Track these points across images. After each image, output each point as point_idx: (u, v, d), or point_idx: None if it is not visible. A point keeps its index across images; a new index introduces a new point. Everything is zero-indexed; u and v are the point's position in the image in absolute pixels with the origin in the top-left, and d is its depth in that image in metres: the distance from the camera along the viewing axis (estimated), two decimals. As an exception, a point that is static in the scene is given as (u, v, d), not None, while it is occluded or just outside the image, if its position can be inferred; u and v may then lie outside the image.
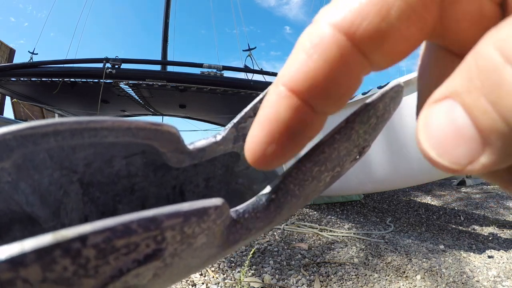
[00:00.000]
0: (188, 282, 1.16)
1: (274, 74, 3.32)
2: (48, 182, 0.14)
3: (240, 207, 0.13)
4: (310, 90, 0.10)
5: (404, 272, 1.32)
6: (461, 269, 1.36)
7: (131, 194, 0.17)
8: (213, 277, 1.22)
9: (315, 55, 0.10)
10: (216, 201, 0.11)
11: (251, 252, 1.32)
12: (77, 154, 0.14)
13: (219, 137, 0.17)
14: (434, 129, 0.09)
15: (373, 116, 0.15)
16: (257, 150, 0.11)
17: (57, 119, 0.11)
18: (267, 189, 0.14)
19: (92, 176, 0.15)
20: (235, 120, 0.17)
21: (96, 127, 0.12)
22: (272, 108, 0.11)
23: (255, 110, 0.17)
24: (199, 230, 0.10)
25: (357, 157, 0.16)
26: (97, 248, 0.08)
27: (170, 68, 4.43)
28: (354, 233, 1.82)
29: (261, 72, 3.62)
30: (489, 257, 1.53)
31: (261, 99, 0.17)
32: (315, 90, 0.10)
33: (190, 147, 0.16)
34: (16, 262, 0.08)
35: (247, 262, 1.22)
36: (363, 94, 1.74)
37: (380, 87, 1.66)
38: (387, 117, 0.16)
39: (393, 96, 0.16)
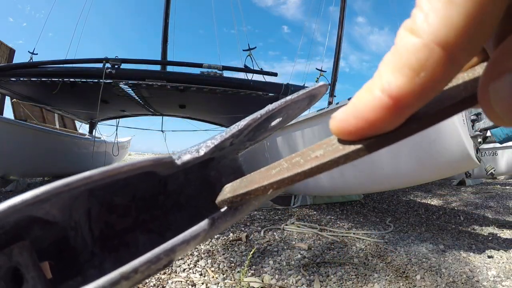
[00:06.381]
0: (188, 282, 1.16)
1: (274, 74, 3.32)
2: (68, 198, 0.18)
3: (215, 215, 0.18)
4: (414, 104, 0.12)
5: (404, 272, 1.32)
6: (461, 269, 1.36)
7: (124, 187, 0.21)
8: (213, 277, 1.22)
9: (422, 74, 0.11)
10: (204, 225, 0.17)
11: (251, 252, 1.32)
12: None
13: (201, 152, 0.20)
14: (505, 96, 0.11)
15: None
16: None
17: (86, 173, 0.15)
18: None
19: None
20: (216, 143, 0.20)
21: (113, 174, 0.16)
22: (372, 113, 0.12)
23: (232, 138, 0.20)
24: (194, 243, 0.17)
25: None
26: (141, 271, 0.15)
27: (170, 68, 4.43)
28: (354, 233, 1.82)
29: (261, 72, 3.62)
30: (489, 257, 1.53)
31: (238, 130, 0.20)
32: (418, 102, 0.12)
33: (178, 162, 0.19)
34: None
35: (247, 262, 1.22)
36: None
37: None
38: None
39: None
